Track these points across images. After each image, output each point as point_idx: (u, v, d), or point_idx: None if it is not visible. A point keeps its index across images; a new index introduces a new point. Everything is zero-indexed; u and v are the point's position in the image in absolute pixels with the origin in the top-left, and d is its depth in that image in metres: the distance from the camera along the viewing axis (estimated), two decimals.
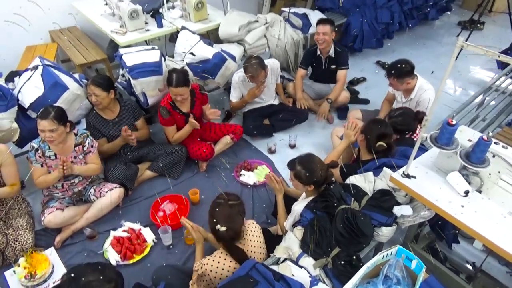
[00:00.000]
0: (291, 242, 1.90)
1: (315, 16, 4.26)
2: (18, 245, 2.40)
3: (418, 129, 2.62)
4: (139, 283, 2.14)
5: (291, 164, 2.10)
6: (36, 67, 2.73)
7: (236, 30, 3.54)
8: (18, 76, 2.78)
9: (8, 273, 2.12)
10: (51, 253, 2.20)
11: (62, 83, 2.67)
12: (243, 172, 3.10)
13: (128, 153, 3.02)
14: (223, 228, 1.76)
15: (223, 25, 3.66)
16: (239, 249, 1.84)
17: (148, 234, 2.60)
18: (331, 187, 1.99)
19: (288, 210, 2.23)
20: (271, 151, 3.38)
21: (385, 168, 2.06)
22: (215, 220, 1.78)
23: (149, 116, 3.53)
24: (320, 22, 3.51)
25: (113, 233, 2.59)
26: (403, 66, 2.89)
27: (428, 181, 1.84)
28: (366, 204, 1.97)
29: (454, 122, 1.63)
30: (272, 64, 3.46)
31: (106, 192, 2.68)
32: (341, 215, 1.84)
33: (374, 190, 2.04)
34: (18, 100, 2.66)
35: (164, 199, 2.84)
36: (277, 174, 3.13)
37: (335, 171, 2.34)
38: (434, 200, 1.76)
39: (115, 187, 2.72)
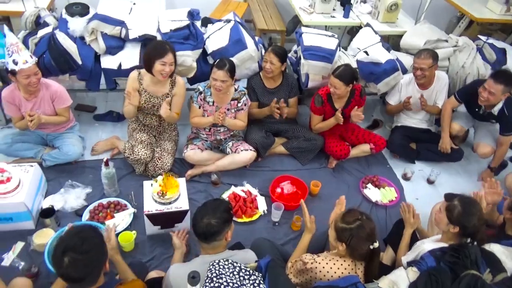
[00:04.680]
0: (400, 279, 1.78)
1: None
2: (159, 164, 2.76)
3: None
4: (240, 242, 2.29)
5: (450, 196, 1.96)
6: (228, 21, 3.00)
7: (421, 43, 3.32)
8: (211, 24, 3.11)
9: (146, 183, 2.46)
10: (181, 182, 2.47)
11: (244, 41, 2.89)
12: (369, 185, 2.99)
13: (271, 124, 3.16)
14: (376, 245, 1.77)
15: (409, 35, 3.47)
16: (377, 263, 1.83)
17: (261, 203, 2.72)
18: (470, 245, 1.79)
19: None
20: (406, 177, 3.17)
21: None
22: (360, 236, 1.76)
23: (301, 97, 3.61)
24: (494, 76, 2.79)
25: (233, 188, 2.79)
26: None
27: None
28: (501, 281, 1.73)
29: None
30: (443, 76, 3.19)
31: (242, 150, 2.87)
32: (468, 281, 1.64)
33: None
34: (204, 44, 2.98)
35: (286, 178, 2.92)
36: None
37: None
38: None
39: (250, 149, 2.89)
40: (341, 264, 1.77)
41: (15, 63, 2.35)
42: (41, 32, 2.84)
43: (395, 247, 2.27)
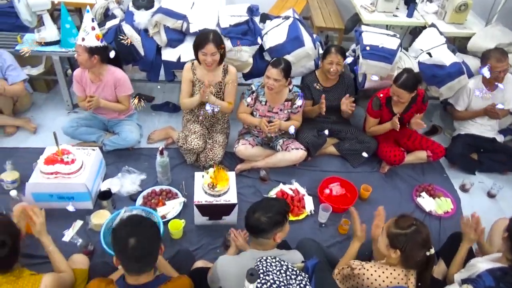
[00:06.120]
0: None
1: None
2: (210, 155, 2.82)
3: None
4: (286, 241, 2.27)
5: None
6: (287, 18, 2.98)
7: (491, 46, 3.10)
8: (269, 20, 3.10)
9: (198, 174, 2.53)
10: (231, 176, 2.51)
11: (302, 39, 2.87)
12: (423, 194, 2.85)
13: (323, 124, 3.11)
14: (432, 251, 1.70)
15: (478, 37, 3.26)
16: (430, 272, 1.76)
17: (309, 203, 2.70)
18: None
19: None
20: (464, 189, 2.99)
21: None
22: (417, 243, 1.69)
23: (356, 98, 3.51)
24: None
25: (281, 186, 2.78)
26: None
27: None
28: None
29: None
30: (508, 75, 2.98)
31: (292, 149, 2.85)
32: None
33: None
34: (262, 40, 2.99)
35: (335, 179, 2.87)
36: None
37: None
38: None
39: (301, 148, 2.86)
40: (391, 273, 1.71)
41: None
42: (109, 24, 3.00)
43: (448, 261, 2.15)
